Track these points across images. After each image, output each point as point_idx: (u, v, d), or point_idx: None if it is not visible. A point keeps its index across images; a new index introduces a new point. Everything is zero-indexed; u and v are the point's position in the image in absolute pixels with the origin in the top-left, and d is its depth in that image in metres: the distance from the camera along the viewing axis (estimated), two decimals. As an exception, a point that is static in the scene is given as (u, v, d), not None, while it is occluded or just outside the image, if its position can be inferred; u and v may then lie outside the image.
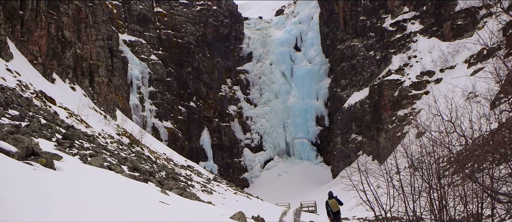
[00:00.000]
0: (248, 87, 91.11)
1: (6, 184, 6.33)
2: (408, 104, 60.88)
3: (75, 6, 46.29)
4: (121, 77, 66.97)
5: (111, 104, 48.83)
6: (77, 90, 41.43)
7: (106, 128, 36.32)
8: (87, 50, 47.33)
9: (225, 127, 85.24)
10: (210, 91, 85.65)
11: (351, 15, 78.85)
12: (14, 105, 22.03)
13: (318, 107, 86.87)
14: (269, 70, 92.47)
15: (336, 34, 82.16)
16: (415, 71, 62.96)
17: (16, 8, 36.57)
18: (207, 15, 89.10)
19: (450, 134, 19.41)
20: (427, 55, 63.27)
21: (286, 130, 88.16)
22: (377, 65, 72.10)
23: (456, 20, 63.26)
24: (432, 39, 65.55)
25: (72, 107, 33.71)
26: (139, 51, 75.83)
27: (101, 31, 55.66)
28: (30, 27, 37.68)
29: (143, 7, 79.22)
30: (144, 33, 78.84)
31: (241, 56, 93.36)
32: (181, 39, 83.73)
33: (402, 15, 71.50)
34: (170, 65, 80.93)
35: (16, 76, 31.05)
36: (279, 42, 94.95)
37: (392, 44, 69.98)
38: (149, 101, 74.23)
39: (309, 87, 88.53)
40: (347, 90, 77.41)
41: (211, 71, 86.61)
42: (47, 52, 39.16)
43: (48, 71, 38.47)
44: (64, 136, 19.46)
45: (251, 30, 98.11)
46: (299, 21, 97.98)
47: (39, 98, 30.00)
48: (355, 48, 77.06)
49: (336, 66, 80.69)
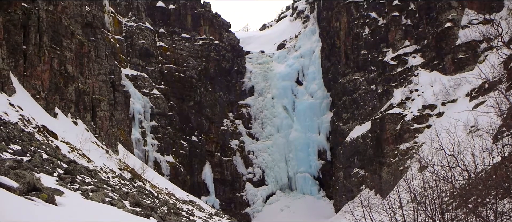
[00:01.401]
0: (250, 121, 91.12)
1: (7, 220, 6.30)
2: (410, 138, 60.79)
3: (78, 40, 46.60)
4: (123, 111, 67.08)
5: (113, 139, 48.85)
6: (79, 124, 41.49)
7: (108, 163, 36.27)
8: (90, 85, 47.50)
9: (227, 162, 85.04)
10: (212, 125, 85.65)
11: (352, 49, 79.24)
12: (16, 140, 22.05)
13: (320, 141, 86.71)
14: (271, 104, 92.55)
15: (337, 68, 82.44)
16: (417, 105, 63.01)
17: (19, 43, 36.83)
18: (209, 49, 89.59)
19: (453, 169, 19.37)
20: (428, 89, 63.37)
21: (288, 164, 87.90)
22: (378, 99, 72.18)
23: (457, 53, 63.49)
24: (433, 72, 65.73)
25: (74, 141, 33.73)
26: (141, 85, 76.07)
27: (103, 66, 55.95)
28: (33, 61, 37.88)
29: (145, 41, 79.70)
30: (147, 67, 79.16)
31: (243, 90, 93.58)
32: (183, 73, 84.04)
33: (403, 49, 71.81)
34: (172, 99, 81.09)
35: (19, 111, 31.13)
36: (281, 76, 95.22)
37: (393, 77, 70.15)
38: (151, 135, 74.20)
39: (311, 121, 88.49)
40: (349, 124, 77.36)
41: (213, 105, 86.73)
42: (49, 86, 39.31)
43: (50, 106, 38.57)
44: (66, 171, 19.43)
45: (253, 64, 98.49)
46: (300, 55, 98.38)
47: (41, 132, 30.03)
48: (356, 82, 77.23)
49: (338, 100, 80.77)
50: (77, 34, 47.36)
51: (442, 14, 66.58)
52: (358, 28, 78.71)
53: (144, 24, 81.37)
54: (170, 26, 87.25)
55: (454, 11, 65.83)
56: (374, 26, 77.00)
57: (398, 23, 73.71)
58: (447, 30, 65.38)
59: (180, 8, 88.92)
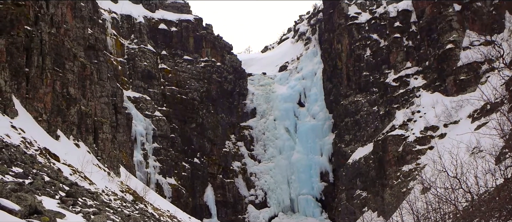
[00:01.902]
0: (252, 143, 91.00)
1: (8, 244, 6.29)
2: (412, 160, 60.66)
3: (81, 63, 46.78)
4: (125, 133, 67.10)
5: (115, 161, 48.79)
6: (81, 146, 41.49)
7: (110, 185, 36.20)
8: (92, 107, 47.59)
9: (229, 184, 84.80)
10: (214, 147, 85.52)
11: (354, 71, 79.39)
12: (18, 162, 22.04)
13: (322, 162, 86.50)
14: (273, 126, 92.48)
15: (339, 90, 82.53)
16: (419, 126, 62.97)
17: (22, 66, 36.96)
18: (211, 71, 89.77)
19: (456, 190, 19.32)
20: (430, 110, 63.38)
21: (291, 186, 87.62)
22: (380, 120, 72.16)
23: (458, 75, 63.60)
24: (435, 94, 65.80)
25: (76, 164, 33.70)
26: (143, 107, 76.13)
27: (105, 88, 56.12)
28: (36, 84, 37.99)
29: (147, 63, 79.90)
30: (149, 89, 79.26)
31: (245, 112, 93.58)
32: (185, 95, 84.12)
33: (404, 70, 71.97)
34: (174, 121, 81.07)
35: (21, 133, 31.16)
36: (283, 98, 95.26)
37: (395, 99, 70.22)
38: (153, 157, 74.08)
39: (313, 143, 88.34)
40: (351, 146, 77.24)
41: (215, 127, 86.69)
42: (52, 109, 39.38)
43: (52, 128, 38.61)
44: (68, 193, 19.39)
45: (255, 86, 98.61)
46: (302, 77, 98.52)
47: (43, 155, 30.03)
48: (358, 103, 77.27)
49: (340, 122, 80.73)
50: (80, 57, 47.57)
51: (443, 35, 66.81)
52: (360, 50, 78.96)
53: (146, 46, 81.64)
54: (172, 48, 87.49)
55: (455, 32, 66.09)
56: (375, 48, 77.27)
57: (400, 45, 73.96)
58: (448, 52, 65.57)
59: (182, 31, 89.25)
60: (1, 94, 32.88)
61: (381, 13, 78.74)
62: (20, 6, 38.41)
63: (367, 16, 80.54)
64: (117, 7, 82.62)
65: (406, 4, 75.72)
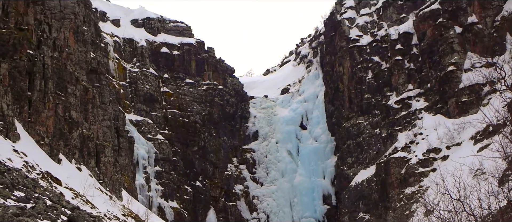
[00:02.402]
0: (254, 166, 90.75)
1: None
2: (415, 182, 60.48)
3: (83, 87, 46.89)
4: (127, 156, 67.01)
5: (117, 184, 48.69)
6: (83, 170, 41.44)
7: (112, 209, 36.09)
8: (94, 130, 47.61)
9: (232, 207, 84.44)
10: (216, 171, 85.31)
11: (356, 93, 79.46)
12: (20, 186, 22.00)
13: (325, 185, 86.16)
14: (275, 149, 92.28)
15: (341, 112, 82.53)
16: (422, 149, 62.87)
17: (24, 89, 37.08)
18: (213, 94, 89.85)
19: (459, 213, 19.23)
20: (433, 132, 63.33)
21: (293, 209, 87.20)
22: (383, 143, 72.07)
23: (460, 97, 63.65)
24: (437, 116, 65.78)
25: (78, 187, 33.63)
26: (145, 130, 76.13)
27: (108, 111, 56.15)
28: (38, 108, 38.07)
29: (149, 87, 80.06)
30: (151, 112, 79.33)
31: (247, 135, 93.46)
32: (187, 119, 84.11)
33: (406, 92, 72.05)
34: (176, 144, 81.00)
35: (23, 157, 31.17)
36: (285, 121, 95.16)
37: (397, 121, 70.21)
38: (155, 181, 73.92)
39: (316, 166, 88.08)
40: (353, 168, 77.03)
41: (217, 150, 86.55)
42: (54, 132, 39.42)
43: (54, 152, 38.61)
44: (69, 217, 19.34)
45: (257, 109, 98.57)
46: (304, 99, 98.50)
47: (45, 179, 29.99)
48: (360, 126, 77.23)
49: (342, 144, 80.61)
50: (82, 80, 47.68)
51: (444, 57, 66.99)
52: (361, 72, 79.10)
53: (148, 70, 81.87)
54: (174, 72, 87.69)
55: (457, 54, 66.28)
56: (377, 70, 77.41)
57: (401, 67, 74.12)
58: (450, 74, 65.70)
59: (184, 54, 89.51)
60: (3, 118, 32.94)
61: (383, 35, 79.01)
62: (23, 30, 38.64)
63: (368, 39, 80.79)
64: (119, 31, 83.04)
65: (407, 26, 76.00)
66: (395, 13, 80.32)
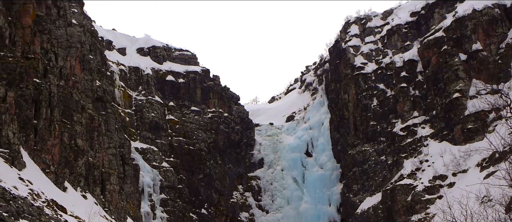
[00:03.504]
0: (259, 193, 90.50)
1: None
2: (421, 209, 60.14)
3: (88, 115, 47.05)
4: (133, 184, 66.96)
5: (122, 212, 48.62)
6: (88, 198, 41.44)
7: (117, 237, 35.99)
8: (99, 158, 47.67)
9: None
10: (221, 198, 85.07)
11: (361, 121, 79.44)
12: (25, 214, 22.01)
13: (330, 213, 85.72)
14: (281, 176, 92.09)
15: (346, 139, 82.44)
16: (428, 176, 62.62)
17: (31, 118, 37.24)
18: (219, 122, 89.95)
19: (466, 241, 19.13)
20: (439, 159, 63.13)
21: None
22: (389, 170, 71.86)
23: (466, 124, 63.52)
24: (443, 143, 65.64)
25: (83, 215, 33.59)
26: (150, 158, 76.12)
27: (113, 139, 56.27)
28: (44, 136, 38.19)
29: (155, 115, 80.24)
30: (156, 140, 79.40)
31: (252, 162, 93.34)
32: (192, 146, 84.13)
33: (412, 119, 72.01)
34: (182, 172, 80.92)
35: (28, 185, 31.20)
36: (290, 148, 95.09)
37: (403, 148, 70.04)
38: (161, 208, 73.71)
39: (321, 193, 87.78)
40: (359, 196, 76.73)
41: (223, 177, 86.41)
42: (59, 160, 39.49)
43: (60, 180, 38.65)
44: (74, 246, 19.29)
45: (262, 136, 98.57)
46: (309, 127, 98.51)
47: (51, 207, 29.98)
48: (366, 153, 77.09)
49: (348, 171, 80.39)
50: (88, 109, 47.87)
51: (449, 85, 67.01)
52: (367, 100, 79.18)
53: (154, 98, 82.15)
54: (179, 99, 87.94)
55: (462, 81, 66.30)
56: (382, 98, 77.48)
57: (406, 94, 74.17)
58: (455, 101, 65.66)
59: (189, 82, 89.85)
60: (9, 146, 33.05)
61: (387, 63, 79.23)
62: (30, 59, 38.93)
63: (373, 66, 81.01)
64: (125, 59, 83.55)
65: (412, 54, 76.23)
66: (399, 40, 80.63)
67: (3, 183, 27.27)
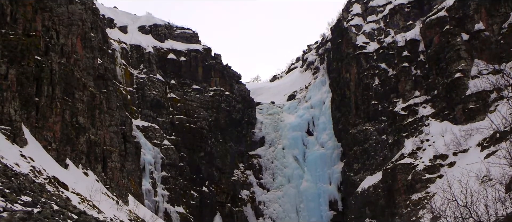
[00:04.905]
0: (260, 171, 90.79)
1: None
2: (422, 188, 60.28)
3: (90, 92, 47.04)
4: (134, 162, 67.16)
5: (123, 189, 48.78)
6: (90, 175, 41.55)
7: (118, 214, 36.16)
8: (101, 136, 47.73)
9: (238, 212, 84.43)
10: (222, 176, 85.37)
11: (362, 100, 79.40)
12: (27, 191, 22.08)
13: (331, 191, 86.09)
14: (282, 155, 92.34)
15: (348, 119, 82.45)
16: (428, 155, 62.67)
17: (32, 95, 37.23)
18: (220, 100, 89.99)
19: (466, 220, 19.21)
20: (439, 139, 63.13)
21: (299, 215, 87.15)
22: (389, 149, 71.95)
23: (467, 103, 63.44)
24: (444, 122, 65.59)
25: (85, 192, 33.72)
26: (152, 136, 76.29)
27: (115, 117, 56.31)
28: (45, 113, 38.21)
29: (156, 93, 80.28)
30: (157, 118, 79.54)
31: (253, 140, 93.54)
32: (194, 124, 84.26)
33: (413, 99, 71.95)
34: (183, 150, 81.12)
35: (30, 162, 31.27)
36: (291, 127, 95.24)
37: (404, 128, 70.06)
38: (162, 186, 74.05)
39: (322, 172, 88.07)
40: (360, 174, 76.93)
41: (224, 156, 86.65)
42: (61, 138, 39.53)
43: (61, 157, 38.72)
44: (76, 222, 19.39)
45: (264, 115, 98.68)
46: (311, 105, 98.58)
47: (52, 183, 30.08)
48: (367, 132, 77.16)
49: (349, 150, 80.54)
50: (89, 86, 47.85)
51: (451, 64, 66.84)
52: (368, 79, 79.09)
53: (155, 76, 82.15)
54: (181, 78, 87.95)
55: (464, 61, 66.12)
56: (384, 77, 77.39)
57: (408, 74, 74.04)
58: (457, 81, 65.53)
59: (191, 60, 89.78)
60: (11, 123, 33.10)
61: (389, 42, 79.02)
62: (31, 37, 38.84)
63: (375, 46, 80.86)
64: (126, 37, 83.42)
65: (414, 33, 75.96)
66: (402, 20, 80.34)
67: (4, 160, 27.35)
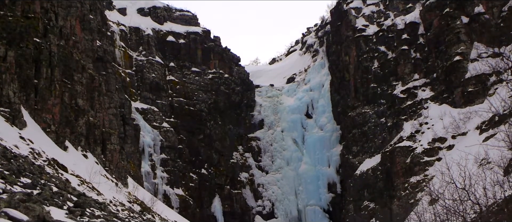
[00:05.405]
0: (259, 154, 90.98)
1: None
2: (420, 171, 60.42)
3: (89, 75, 46.94)
4: (133, 144, 67.26)
5: (122, 172, 48.84)
6: (89, 157, 41.55)
7: (118, 196, 36.23)
8: (100, 118, 47.69)
9: (237, 194, 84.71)
10: (221, 158, 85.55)
11: (362, 83, 79.39)
12: (26, 173, 22.09)
13: (330, 174, 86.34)
14: (281, 137, 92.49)
15: (347, 101, 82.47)
16: (427, 138, 62.74)
17: (31, 77, 37.14)
18: (219, 83, 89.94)
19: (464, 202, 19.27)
20: (438, 122, 63.16)
21: (298, 197, 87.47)
22: (388, 132, 72.04)
23: (466, 87, 63.38)
24: (443, 105, 65.58)
25: (84, 174, 33.74)
26: (151, 118, 76.32)
27: (114, 99, 56.26)
28: (44, 95, 38.13)
29: (155, 75, 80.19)
30: (157, 101, 79.51)
31: (252, 123, 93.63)
32: (193, 107, 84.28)
33: (412, 82, 71.91)
34: (182, 132, 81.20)
35: (29, 144, 31.26)
36: (291, 110, 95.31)
37: (403, 111, 70.09)
38: (161, 168, 74.20)
39: (321, 154, 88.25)
40: (359, 157, 77.11)
41: (223, 138, 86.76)
42: (60, 120, 39.49)
43: (60, 139, 38.71)
44: (76, 204, 19.43)
45: (263, 98, 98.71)
46: (310, 88, 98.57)
47: (51, 165, 30.09)
48: (366, 115, 77.22)
49: (348, 133, 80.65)
50: (88, 68, 47.74)
51: (451, 47, 66.72)
52: (367, 62, 79.02)
53: (155, 58, 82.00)
54: (180, 60, 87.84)
55: (463, 44, 65.98)
56: (383, 60, 77.32)
57: (407, 57, 73.97)
58: (456, 64, 65.44)
59: (190, 43, 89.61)
60: (10, 105, 33.05)
61: (389, 25, 78.87)
62: (30, 19, 38.67)
63: (374, 29, 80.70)
64: (125, 20, 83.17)
65: (414, 16, 75.77)
66: (401, 3, 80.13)
67: (4, 142, 27.35)
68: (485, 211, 18.69)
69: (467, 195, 19.21)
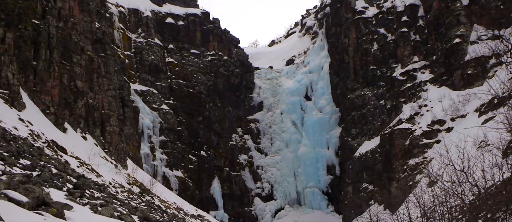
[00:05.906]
0: (258, 136, 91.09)
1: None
2: (419, 153, 60.48)
3: (88, 56, 46.84)
4: (132, 126, 67.26)
5: (122, 153, 48.90)
6: (88, 139, 41.58)
7: (117, 177, 36.29)
8: (99, 100, 47.66)
9: (236, 176, 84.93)
10: (220, 140, 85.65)
11: (361, 65, 79.30)
12: (25, 154, 22.11)
13: (329, 156, 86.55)
14: (280, 119, 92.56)
15: (346, 84, 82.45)
16: (426, 120, 62.75)
17: (30, 59, 37.05)
18: (218, 65, 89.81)
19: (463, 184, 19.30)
20: (437, 104, 63.14)
21: (297, 179, 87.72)
22: (387, 114, 72.06)
23: (466, 69, 63.28)
24: (442, 88, 65.52)
25: (83, 156, 33.78)
26: (150, 100, 76.28)
27: (113, 81, 56.20)
28: (43, 77, 38.07)
29: (154, 57, 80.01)
30: (156, 82, 79.43)
31: (251, 105, 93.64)
32: (192, 89, 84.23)
33: (412, 64, 71.78)
34: (181, 114, 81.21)
35: (28, 126, 31.25)
36: (290, 92, 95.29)
37: (402, 93, 70.04)
38: (160, 150, 74.27)
39: (320, 136, 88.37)
40: (358, 139, 77.23)
41: (222, 120, 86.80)
42: (59, 102, 39.46)
43: (60, 121, 38.69)
44: (75, 185, 19.46)
45: (262, 80, 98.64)
46: (309, 70, 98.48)
47: (51, 147, 30.11)
48: (365, 97, 77.22)
49: (347, 115, 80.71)
50: (87, 50, 47.63)
51: (450, 30, 66.53)
52: (367, 44, 78.89)
53: (154, 40, 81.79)
54: (179, 42, 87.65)
55: (463, 27, 65.78)
56: (382, 42, 77.17)
57: (407, 39, 73.80)
58: (456, 46, 65.28)
59: (189, 25, 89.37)
60: (9, 87, 33.01)
61: (389, 7, 78.62)
62: (28, 0, 38.52)
63: (374, 11, 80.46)
64: (124, 1, 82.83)
65: (414, -2, 75.53)
66: (401, -16, 79.81)
67: (3, 124, 27.33)
68: (484, 193, 18.74)
69: (465, 177, 19.25)
